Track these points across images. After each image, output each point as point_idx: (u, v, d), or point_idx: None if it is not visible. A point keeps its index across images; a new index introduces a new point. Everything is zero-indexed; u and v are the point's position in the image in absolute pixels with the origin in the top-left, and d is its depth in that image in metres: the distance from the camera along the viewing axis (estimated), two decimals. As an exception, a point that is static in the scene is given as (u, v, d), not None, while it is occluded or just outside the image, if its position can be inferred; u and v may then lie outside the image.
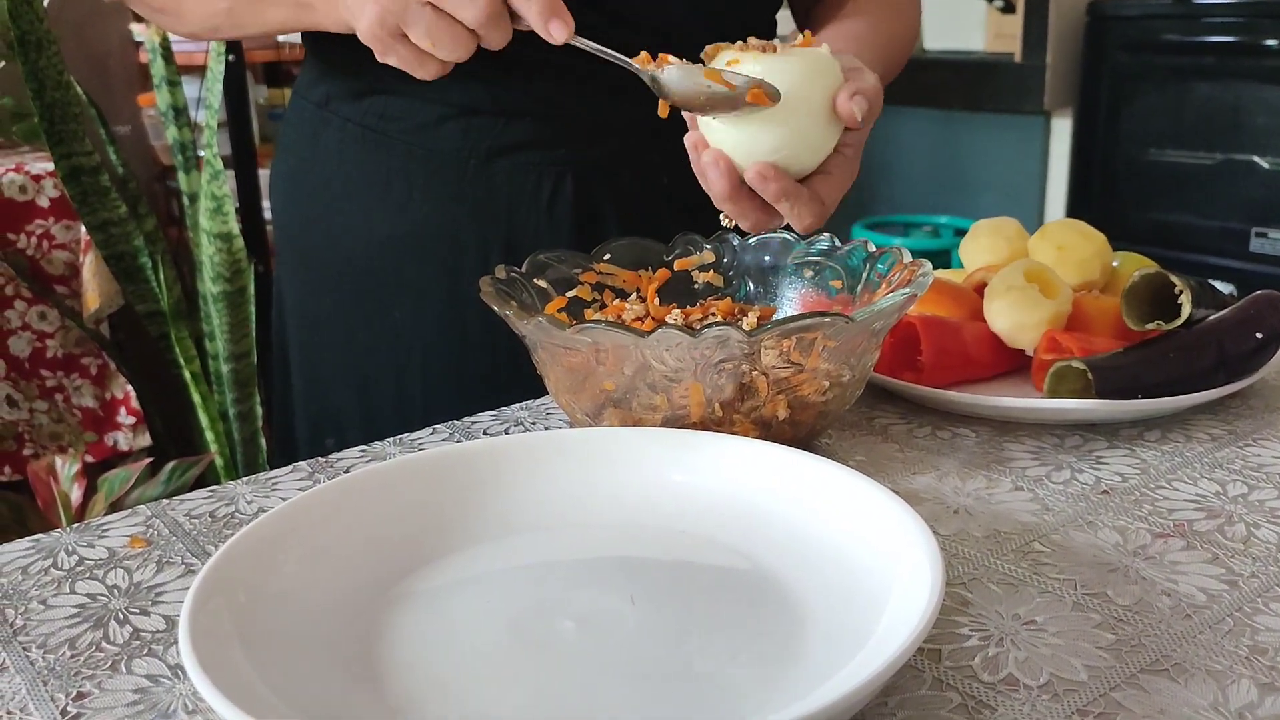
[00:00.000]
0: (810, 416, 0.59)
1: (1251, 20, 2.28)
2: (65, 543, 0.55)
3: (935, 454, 0.63)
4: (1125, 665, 0.43)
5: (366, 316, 0.87)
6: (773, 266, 0.70)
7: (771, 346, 0.55)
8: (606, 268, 0.69)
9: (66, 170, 1.79)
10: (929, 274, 0.60)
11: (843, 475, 0.50)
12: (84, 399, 2.11)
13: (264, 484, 0.62)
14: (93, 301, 2.02)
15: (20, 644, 0.47)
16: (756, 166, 0.59)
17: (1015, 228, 0.82)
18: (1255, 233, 2.34)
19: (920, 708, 0.40)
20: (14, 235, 2.02)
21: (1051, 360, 0.68)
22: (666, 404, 0.57)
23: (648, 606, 0.46)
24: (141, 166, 2.56)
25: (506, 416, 0.71)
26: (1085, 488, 0.59)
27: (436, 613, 0.47)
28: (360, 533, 0.49)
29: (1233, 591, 0.48)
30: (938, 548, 0.42)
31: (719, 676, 0.42)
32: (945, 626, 0.46)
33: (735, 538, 0.51)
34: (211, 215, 1.85)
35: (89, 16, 2.52)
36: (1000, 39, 2.65)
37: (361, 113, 0.83)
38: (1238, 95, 2.32)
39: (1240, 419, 0.67)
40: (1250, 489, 0.58)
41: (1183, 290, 0.69)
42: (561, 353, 0.58)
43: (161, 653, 0.46)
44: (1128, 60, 2.48)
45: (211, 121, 1.90)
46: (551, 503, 0.53)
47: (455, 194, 0.82)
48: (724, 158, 0.60)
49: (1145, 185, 2.50)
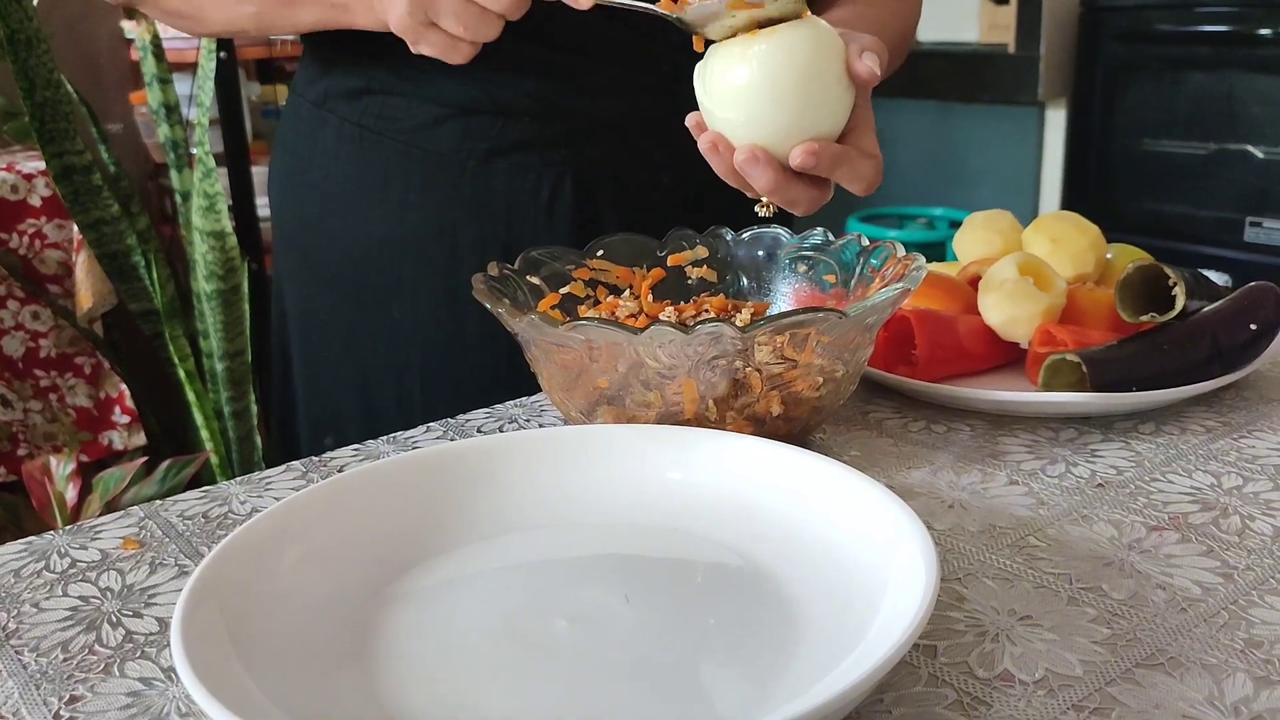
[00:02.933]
0: (804, 412, 0.59)
1: (1245, 10, 2.28)
2: (58, 545, 0.55)
3: (930, 448, 0.63)
4: (1120, 660, 0.43)
5: (366, 316, 0.86)
6: (766, 261, 0.70)
7: (765, 342, 0.55)
8: (600, 264, 0.69)
9: (58, 169, 1.78)
10: (922, 268, 0.60)
11: (837, 471, 0.50)
12: (78, 398, 2.11)
13: (257, 484, 0.61)
14: (86, 300, 2.01)
15: (13, 647, 0.46)
16: (802, 147, 0.58)
17: (1009, 220, 0.82)
18: (1250, 222, 2.34)
19: (916, 704, 0.40)
20: (6, 235, 2.01)
21: (1046, 353, 0.68)
22: (660, 401, 0.57)
23: (642, 604, 0.46)
24: (134, 165, 2.55)
25: (500, 414, 0.70)
26: (1080, 481, 0.58)
27: (431, 612, 0.46)
28: (354, 532, 0.49)
29: (1228, 584, 0.48)
30: (932, 543, 0.42)
31: (714, 674, 0.42)
32: (940, 622, 0.45)
33: (729, 535, 0.51)
34: (204, 213, 1.84)
35: (79, 14, 2.51)
36: (994, 30, 2.65)
37: (359, 112, 0.83)
38: (1232, 85, 2.32)
39: (1235, 411, 0.67)
40: (1245, 481, 0.58)
41: (1177, 283, 0.69)
42: (555, 350, 0.58)
43: (154, 655, 0.45)
44: (1122, 50, 2.48)
45: (203, 119, 1.89)
46: (545, 501, 0.53)
47: (453, 194, 0.82)
48: (761, 152, 0.58)
49: (1140, 175, 2.50)
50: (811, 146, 0.58)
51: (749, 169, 0.59)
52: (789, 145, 0.58)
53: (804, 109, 0.58)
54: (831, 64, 0.59)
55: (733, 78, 0.58)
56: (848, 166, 0.59)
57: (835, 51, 0.59)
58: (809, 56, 0.58)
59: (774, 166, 0.59)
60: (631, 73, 0.81)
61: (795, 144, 0.58)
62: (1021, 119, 2.70)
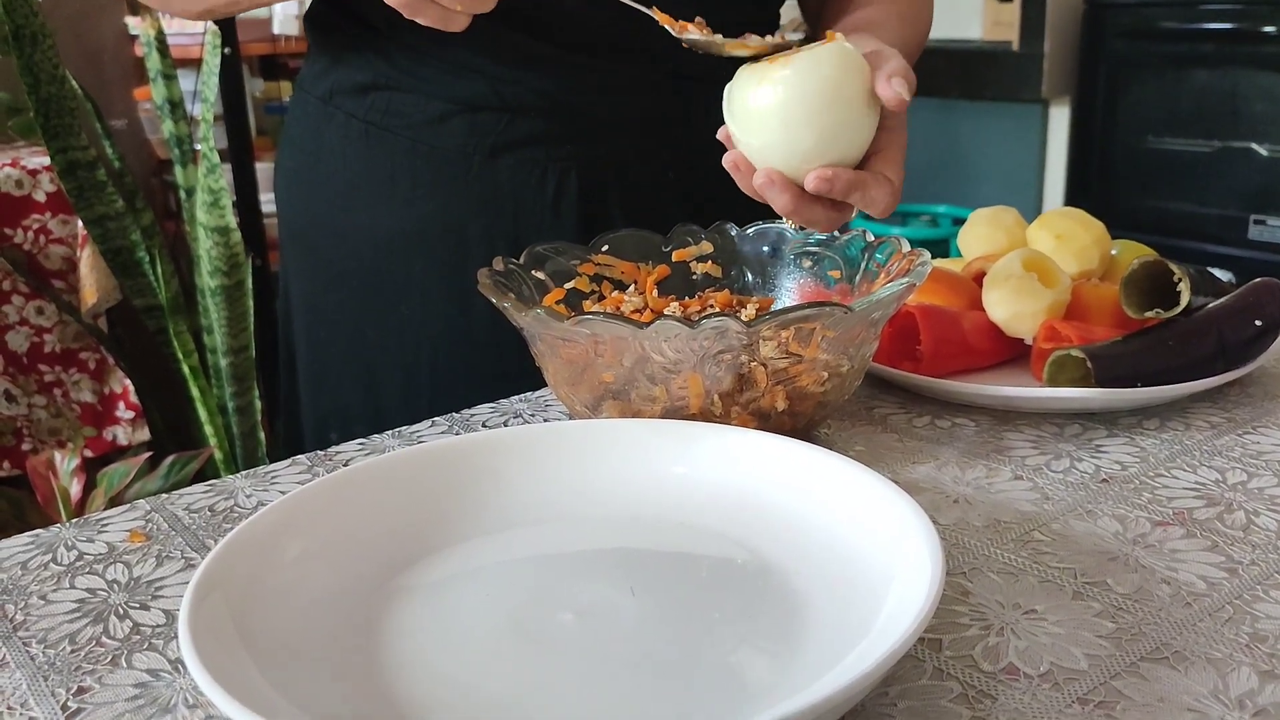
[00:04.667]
0: (809, 407, 0.59)
1: (1249, 7, 2.28)
2: (65, 538, 0.55)
3: (935, 443, 0.63)
4: (1125, 654, 0.43)
5: (373, 313, 0.86)
6: (771, 257, 0.70)
7: (770, 337, 0.55)
8: (605, 259, 0.69)
9: (63, 165, 1.78)
10: (927, 263, 0.60)
11: (842, 465, 0.50)
12: (82, 394, 2.11)
13: (263, 478, 0.61)
14: (90, 296, 2.02)
15: (20, 639, 0.47)
16: (815, 173, 0.58)
17: (1014, 216, 0.82)
18: (1254, 220, 2.34)
19: (921, 697, 0.40)
20: (11, 230, 2.02)
21: (1050, 349, 0.68)
22: (665, 395, 0.57)
23: (648, 598, 0.46)
24: (138, 161, 2.56)
25: (505, 409, 0.70)
26: (1085, 476, 0.59)
27: (436, 606, 0.47)
28: (359, 526, 0.49)
29: (1232, 579, 0.48)
30: (937, 537, 0.42)
31: (720, 668, 0.42)
32: (945, 616, 0.45)
33: (735, 529, 0.51)
34: (208, 209, 1.84)
35: (84, 10, 2.51)
36: (998, 27, 2.65)
37: (366, 108, 0.83)
38: (1236, 82, 2.32)
39: (1239, 407, 0.67)
40: (1250, 476, 0.58)
41: (1181, 278, 0.69)
42: (560, 344, 0.58)
43: (161, 647, 0.46)
44: (1126, 48, 2.48)
45: (208, 115, 1.89)
46: (551, 495, 0.53)
47: (460, 190, 0.82)
48: (777, 175, 0.59)
49: (1143, 173, 2.50)
50: (825, 173, 0.58)
51: (766, 192, 0.60)
52: (806, 169, 0.59)
53: (821, 135, 0.58)
54: (853, 90, 0.59)
55: (753, 101, 0.59)
56: (862, 192, 0.60)
57: (857, 76, 0.59)
58: (829, 83, 0.58)
59: (790, 190, 0.59)
60: (639, 71, 0.81)
61: (813, 168, 0.58)
62: (1025, 116, 2.70)
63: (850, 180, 0.59)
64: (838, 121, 0.59)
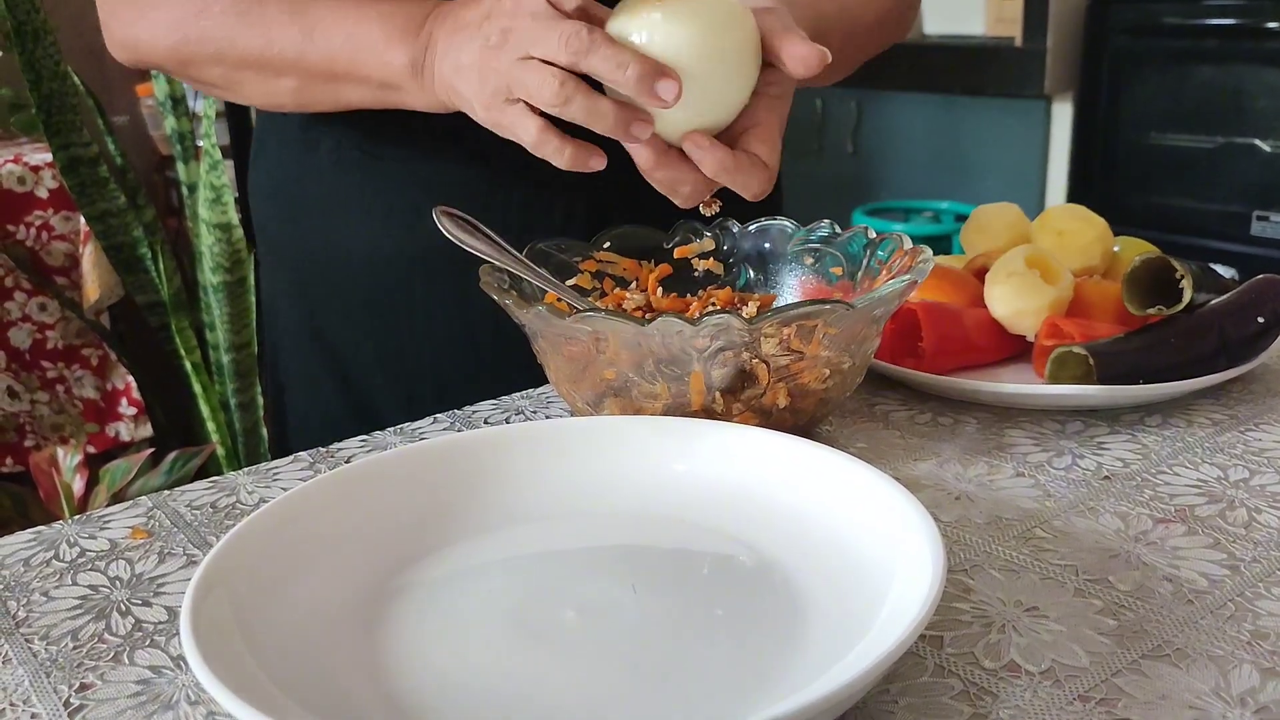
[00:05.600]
0: (811, 404, 0.59)
1: (1252, 3, 2.27)
2: (67, 534, 0.56)
3: (936, 440, 0.63)
4: (1127, 651, 0.43)
5: (375, 333, 0.83)
6: (773, 254, 0.70)
7: (772, 334, 0.55)
8: (607, 256, 0.69)
9: (65, 161, 1.78)
10: (929, 260, 0.60)
11: (844, 462, 0.50)
12: (85, 390, 2.11)
13: (265, 474, 0.62)
14: (93, 292, 2.02)
15: (23, 636, 0.47)
16: (688, 138, 0.57)
17: (1016, 213, 0.82)
18: (1256, 216, 2.33)
19: (922, 694, 0.41)
20: (13, 227, 2.02)
21: (1052, 346, 0.67)
22: (667, 393, 0.57)
23: (649, 595, 0.46)
24: (140, 157, 2.56)
25: (507, 405, 0.71)
26: (1086, 473, 0.59)
27: (438, 602, 0.47)
28: (361, 523, 0.49)
29: (1234, 576, 0.48)
30: (939, 534, 0.42)
31: (721, 665, 0.42)
32: (947, 613, 0.46)
33: (736, 526, 0.51)
34: (210, 205, 1.84)
35: (86, 6, 2.50)
36: (1001, 23, 2.64)
37: (358, 138, 0.79)
38: (1239, 78, 2.31)
39: (1242, 404, 0.67)
40: (1252, 474, 0.58)
41: (1184, 275, 0.69)
42: (562, 342, 0.58)
43: (164, 644, 0.46)
44: (1128, 44, 2.47)
45: (209, 111, 1.89)
46: (552, 492, 0.53)
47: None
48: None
49: (1146, 169, 2.49)
50: (697, 139, 0.57)
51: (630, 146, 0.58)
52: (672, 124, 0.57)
53: (687, 90, 0.55)
54: (728, 43, 0.56)
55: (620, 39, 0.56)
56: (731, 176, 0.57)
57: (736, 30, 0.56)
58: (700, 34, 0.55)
59: (654, 146, 0.58)
60: None
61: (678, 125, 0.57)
62: (1028, 112, 2.69)
63: (719, 161, 0.57)
64: (706, 75, 0.56)
